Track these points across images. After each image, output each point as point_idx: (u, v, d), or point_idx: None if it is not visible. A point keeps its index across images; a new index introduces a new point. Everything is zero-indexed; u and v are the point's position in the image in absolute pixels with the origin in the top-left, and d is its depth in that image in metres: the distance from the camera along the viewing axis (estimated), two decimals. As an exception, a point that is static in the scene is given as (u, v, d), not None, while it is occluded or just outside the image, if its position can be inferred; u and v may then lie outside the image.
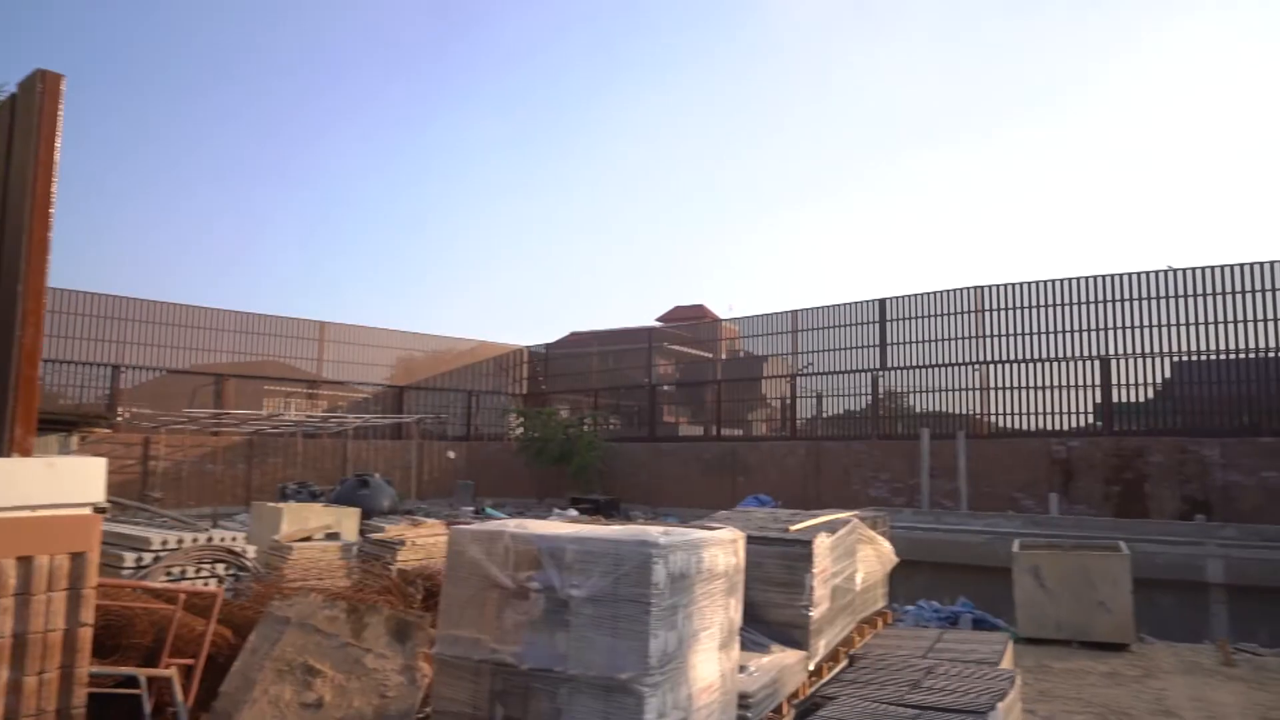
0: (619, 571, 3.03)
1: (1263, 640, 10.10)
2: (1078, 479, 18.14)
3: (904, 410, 22.71)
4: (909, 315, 21.94)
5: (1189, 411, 18.61)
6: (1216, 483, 16.85)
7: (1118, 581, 9.25)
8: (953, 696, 4.35)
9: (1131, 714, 7.16)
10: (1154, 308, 18.76)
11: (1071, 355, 19.52)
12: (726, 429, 25.47)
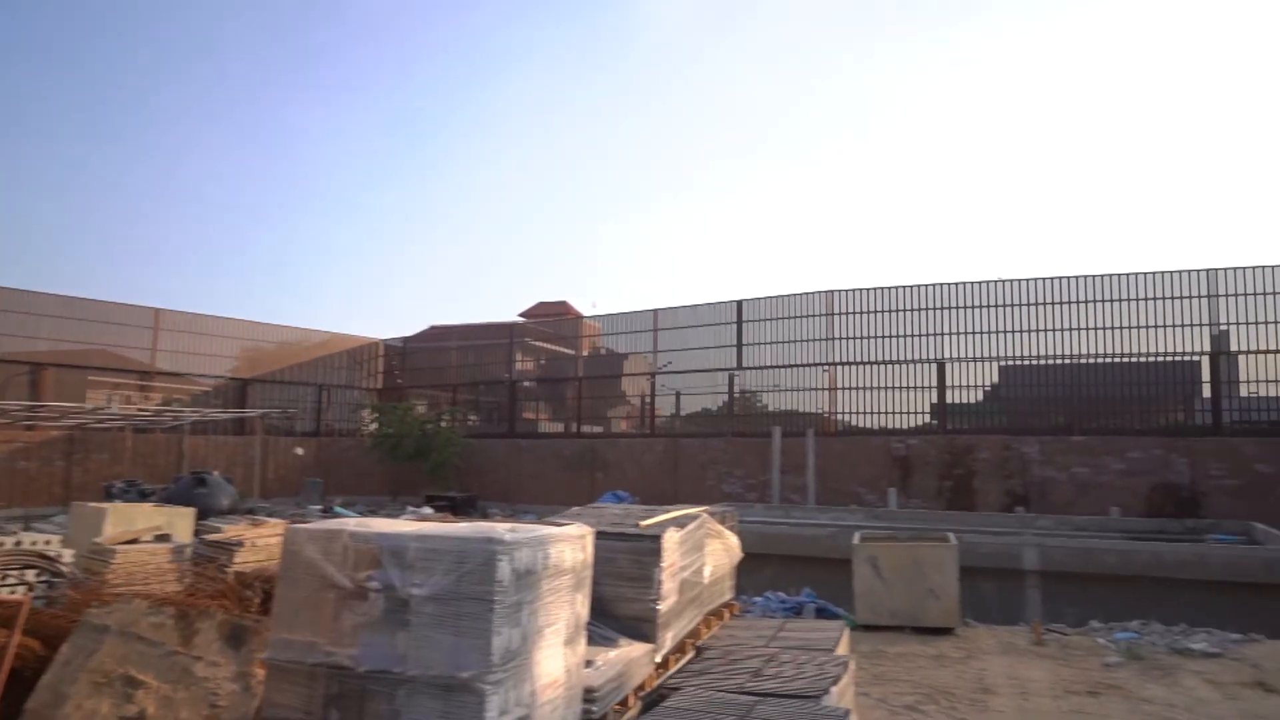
0: (462, 569, 2.99)
1: (1070, 621, 11.06)
2: (915, 475, 19.30)
3: (758, 409, 23.50)
4: (764, 316, 22.69)
5: (1013, 412, 20.20)
6: (1035, 478, 18.33)
7: (946, 570, 9.91)
8: (790, 683, 4.55)
9: (955, 693, 7.68)
10: (985, 316, 20.19)
11: (912, 358, 20.74)
12: (587, 426, 25.58)
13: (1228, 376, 18.70)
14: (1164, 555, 12.52)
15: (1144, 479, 17.55)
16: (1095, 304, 19.40)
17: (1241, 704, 7.46)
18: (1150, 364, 19.12)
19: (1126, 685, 8.00)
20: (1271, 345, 18.19)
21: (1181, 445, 17.50)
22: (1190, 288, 18.79)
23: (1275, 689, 7.87)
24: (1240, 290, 18.44)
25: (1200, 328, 18.70)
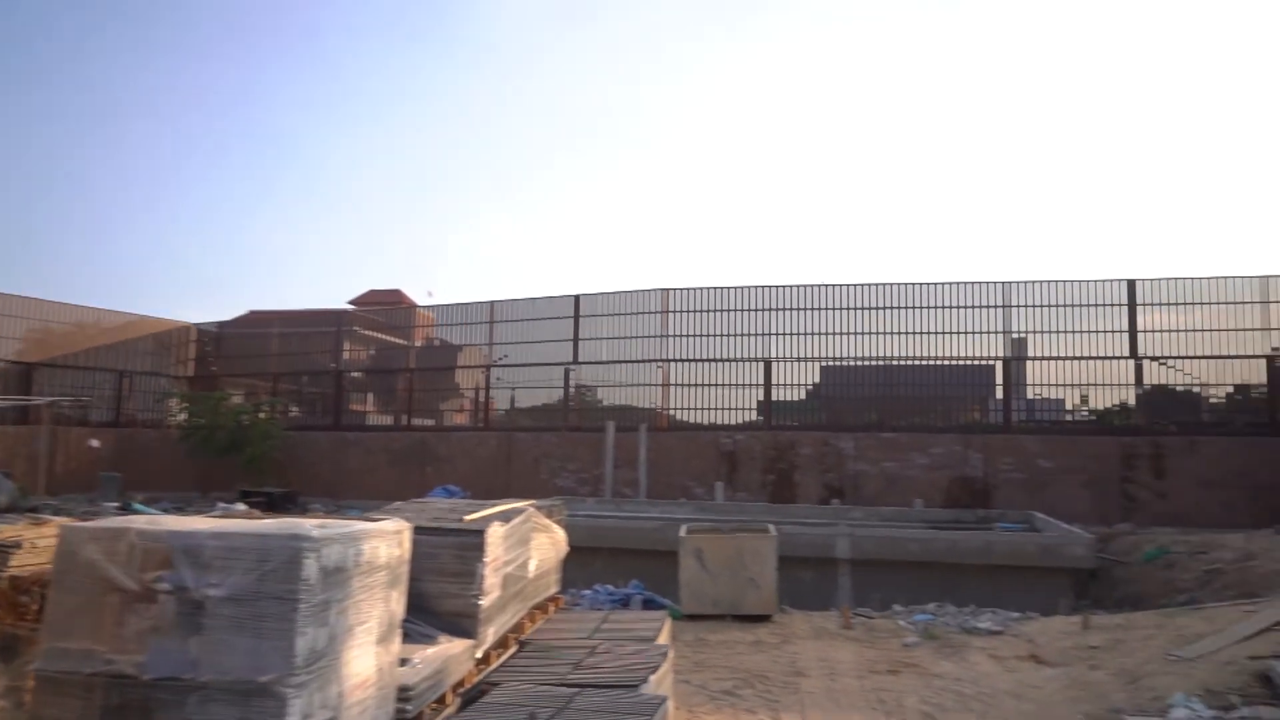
0: (265, 568, 2.83)
1: (876, 605, 11.83)
2: (741, 469, 20.05)
3: (594, 404, 23.69)
4: (601, 312, 22.88)
5: (832, 410, 21.38)
6: (850, 472, 19.47)
7: (766, 560, 10.37)
8: (611, 673, 4.61)
9: (769, 676, 8.05)
10: (809, 318, 21.26)
11: (741, 357, 21.53)
12: (418, 419, 24.90)
13: (1018, 380, 20.61)
14: (958, 543, 13.65)
15: (944, 473, 19.04)
16: (908, 310, 20.84)
17: (1018, 675, 8.23)
18: (953, 367, 20.78)
19: (922, 663, 8.65)
20: (1058, 352, 20.18)
21: (977, 442, 19.12)
22: (990, 298, 20.54)
23: (1047, 661, 8.74)
24: (1033, 302, 20.35)
25: (998, 334, 20.47)
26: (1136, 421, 19.32)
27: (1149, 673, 7.97)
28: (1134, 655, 8.62)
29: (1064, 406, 20.39)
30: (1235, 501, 17.64)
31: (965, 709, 7.12)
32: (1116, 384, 19.83)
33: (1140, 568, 14.94)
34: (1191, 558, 14.31)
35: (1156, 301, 19.75)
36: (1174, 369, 19.66)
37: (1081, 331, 20.03)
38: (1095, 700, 7.31)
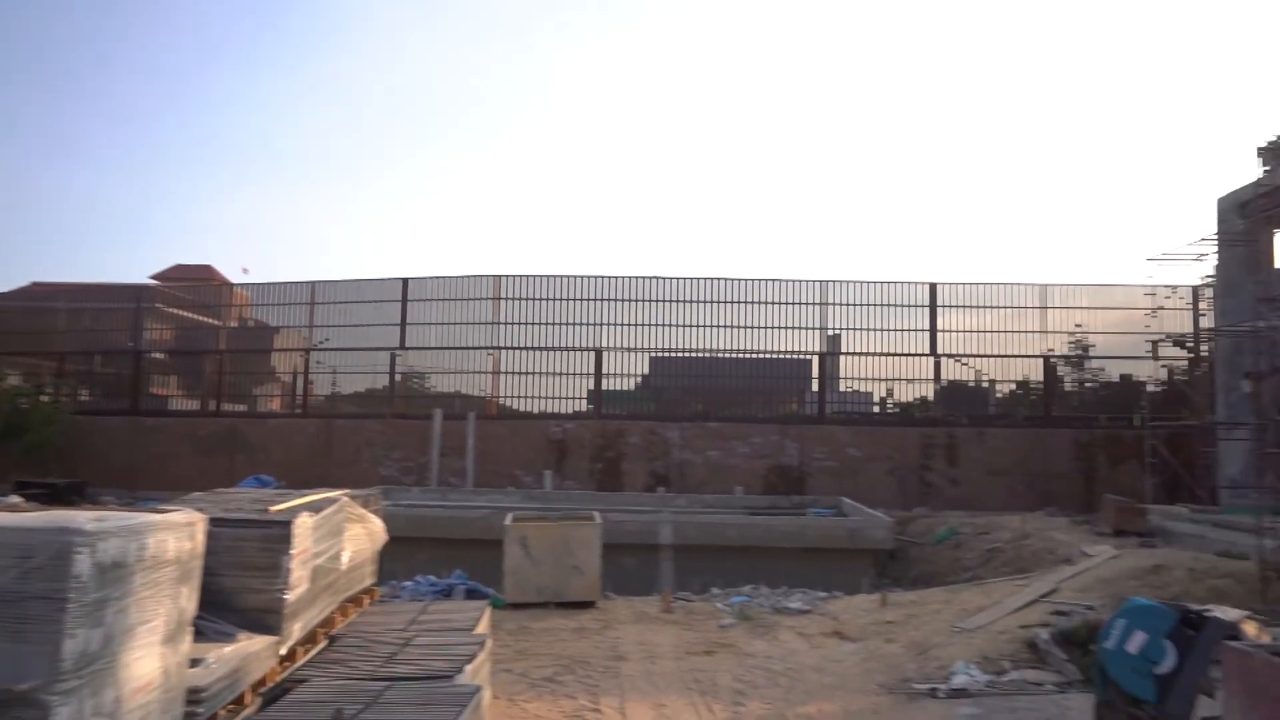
0: (27, 565, 2.56)
1: (695, 589, 12.24)
2: (571, 457, 20.15)
3: (422, 390, 23.05)
4: (431, 297, 22.26)
5: (661, 400, 21.85)
6: (676, 460, 19.99)
7: (590, 547, 10.48)
8: (425, 664, 4.51)
9: (590, 662, 8.15)
10: (639, 309, 21.59)
11: (572, 346, 21.59)
12: (229, 404, 23.34)
13: (832, 374, 21.85)
14: (773, 527, 14.33)
15: (763, 461, 19.93)
16: (734, 304, 21.59)
17: (823, 651, 8.75)
18: (774, 360, 21.76)
19: (737, 643, 9.03)
20: (868, 349, 21.53)
21: (794, 432, 20.13)
22: (808, 295, 21.62)
23: (849, 637, 9.33)
24: (846, 300, 21.60)
25: (815, 330, 21.59)
26: (934, 414, 20.96)
27: (936, 644, 8.68)
28: (924, 628, 9.36)
29: (872, 399, 21.83)
30: (1015, 486, 19.52)
31: (773, 684, 7.49)
32: (918, 379, 21.43)
33: (933, 548, 16.26)
34: (976, 538, 15.71)
35: (954, 304, 21.47)
36: (967, 366, 21.47)
37: (889, 330, 21.49)
38: (889, 671, 7.89)
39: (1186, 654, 3.13)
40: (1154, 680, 3.12)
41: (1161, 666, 3.14)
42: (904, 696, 7.07)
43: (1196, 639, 3.19)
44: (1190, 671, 3.11)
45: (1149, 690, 3.13)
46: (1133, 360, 21.34)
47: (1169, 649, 3.16)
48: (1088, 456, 19.74)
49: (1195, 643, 3.17)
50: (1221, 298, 17.12)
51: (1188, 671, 3.11)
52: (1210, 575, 10.75)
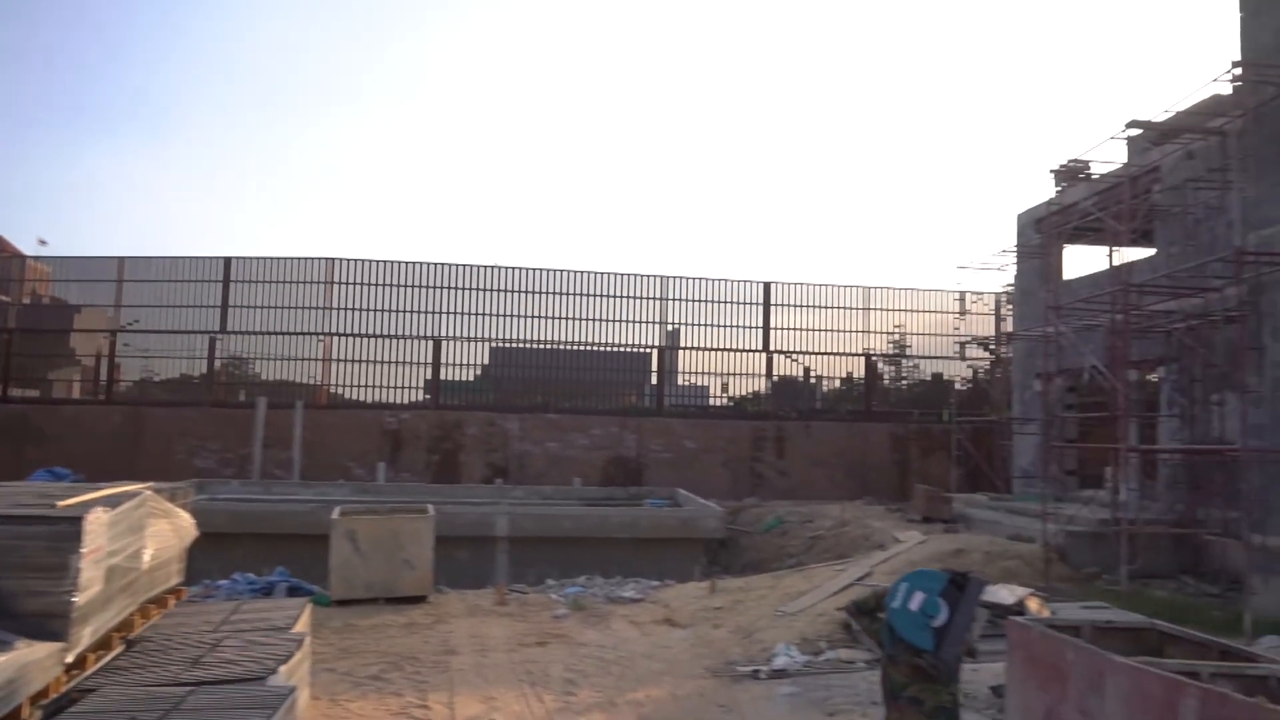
0: None
1: (530, 581, 12.20)
2: (406, 448, 19.58)
3: (246, 377, 21.70)
4: (256, 278, 20.97)
5: (501, 391, 21.58)
6: (515, 451, 19.83)
7: (422, 541, 10.22)
8: (234, 667, 4.26)
9: (420, 657, 7.96)
10: (479, 298, 21.23)
11: (410, 334, 20.96)
12: (19, 389, 21.11)
13: (671, 368, 22.32)
14: (609, 518, 14.50)
15: (602, 453, 20.11)
16: (576, 297, 21.62)
17: (653, 638, 8.93)
18: (614, 353, 21.98)
19: (570, 633, 9.07)
20: (705, 344, 22.12)
21: (633, 424, 20.42)
22: (649, 290, 21.97)
23: (678, 624, 9.58)
24: (686, 296, 22.10)
25: (655, 325, 21.96)
26: (766, 408, 21.83)
27: (760, 628, 9.07)
28: (749, 613, 9.75)
29: (708, 393, 22.47)
30: (837, 476, 20.65)
31: (605, 673, 7.58)
32: (752, 374, 22.25)
33: (761, 536, 16.96)
34: (801, 526, 16.52)
35: (786, 303, 22.41)
36: (797, 362, 22.50)
37: (725, 326, 22.18)
38: (716, 655, 8.16)
39: (955, 608, 3.72)
40: (932, 632, 3.66)
41: (937, 620, 3.68)
42: (728, 679, 7.34)
43: (962, 596, 3.77)
44: (958, 622, 3.70)
45: (928, 641, 3.66)
46: (944, 360, 23.04)
47: (942, 605, 3.70)
48: (902, 449, 21.16)
49: (961, 599, 3.76)
50: (1019, 305, 18.76)
51: (956, 622, 3.68)
52: (1003, 557, 11.80)
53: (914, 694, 3.75)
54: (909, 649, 3.74)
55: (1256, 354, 9.74)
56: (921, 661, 3.73)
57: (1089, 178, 14.93)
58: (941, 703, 3.75)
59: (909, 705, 3.76)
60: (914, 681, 3.76)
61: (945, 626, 3.68)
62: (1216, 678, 4.33)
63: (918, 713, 3.74)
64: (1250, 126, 9.97)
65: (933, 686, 3.73)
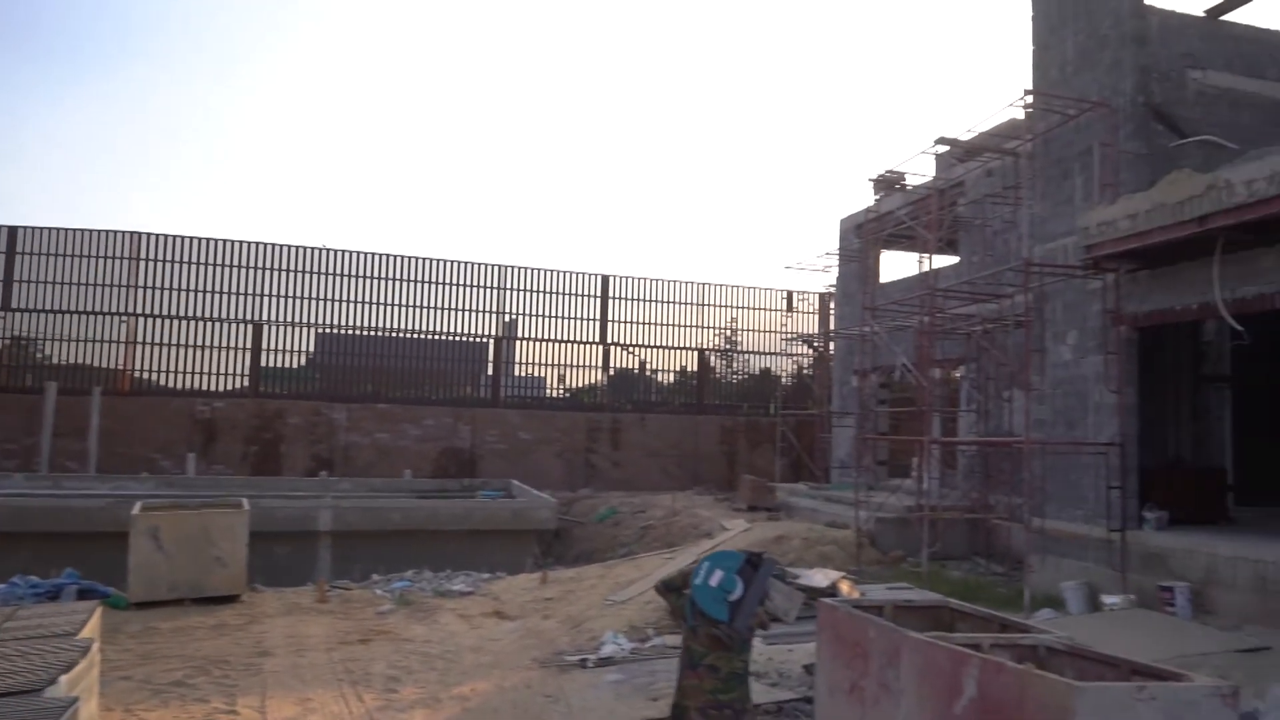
0: None
1: (355, 576, 11.76)
2: (221, 439, 18.38)
3: (34, 359, 19.65)
4: (48, 251, 19.02)
5: (328, 379, 20.61)
6: (341, 442, 19.06)
7: (235, 537, 9.61)
8: (6, 680, 3.86)
9: (230, 660, 7.50)
10: (305, 281, 20.18)
11: (227, 317, 19.65)
12: None
13: (508, 358, 22.10)
14: (440, 510, 14.21)
15: (435, 444, 19.66)
16: (410, 283, 20.98)
17: (482, 631, 8.84)
18: (450, 342, 21.50)
19: (395, 629, 8.83)
20: (543, 335, 22.03)
21: (467, 415, 20.09)
22: (487, 279, 21.63)
23: (508, 616, 9.53)
24: (524, 286, 21.92)
25: (492, 314, 21.65)
26: (602, 400, 22.04)
27: (590, 617, 9.16)
28: (579, 603, 9.83)
29: (545, 384, 22.42)
30: (670, 467, 21.17)
31: (430, 668, 7.42)
32: (589, 366, 22.39)
33: (595, 526, 17.14)
34: (634, 516, 16.83)
35: (624, 296, 22.70)
36: (634, 354, 22.85)
37: (564, 317, 22.18)
38: (545, 646, 8.17)
39: (749, 585, 4.22)
40: (728, 605, 4.12)
41: (733, 595, 4.15)
42: (556, 669, 7.37)
43: (755, 574, 4.29)
44: (750, 597, 4.19)
45: (724, 613, 4.11)
46: (772, 356, 24.08)
47: (738, 582, 4.18)
48: (732, 440, 21.96)
49: (754, 576, 4.27)
50: (840, 305, 19.89)
51: (748, 597, 4.17)
52: (820, 543, 12.50)
53: (711, 662, 4.14)
54: (708, 620, 4.14)
55: (1039, 355, 10.79)
56: (718, 632, 4.12)
57: (903, 188, 16.01)
58: (734, 669, 4.17)
59: (707, 672, 4.13)
60: (711, 651, 4.15)
61: (739, 600, 4.13)
62: (995, 648, 4.77)
63: (714, 679, 4.12)
64: (1039, 149, 11.01)
65: (727, 655, 4.14)
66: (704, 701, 4.16)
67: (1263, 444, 12.23)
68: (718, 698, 4.14)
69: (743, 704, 4.21)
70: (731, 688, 4.16)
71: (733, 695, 4.16)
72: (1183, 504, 9.88)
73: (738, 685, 4.18)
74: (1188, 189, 8.02)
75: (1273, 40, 11.35)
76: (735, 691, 4.17)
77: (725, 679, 4.14)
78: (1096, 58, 10.25)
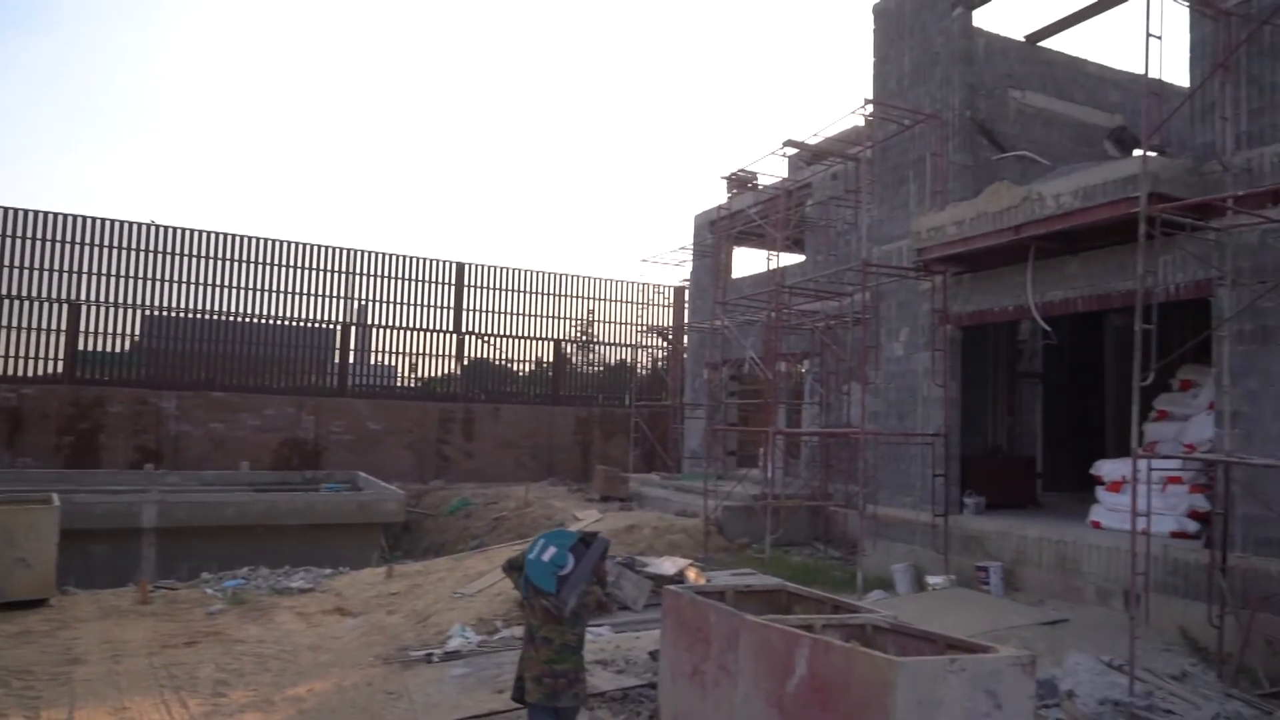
0: None
1: (182, 575, 11.05)
2: (29, 429, 16.83)
3: None
4: None
5: (156, 365, 19.16)
6: (170, 433, 17.84)
7: (42, 535, 8.82)
8: None
9: (34, 670, 6.89)
10: (130, 258, 18.69)
11: (39, 295, 17.95)
12: None
13: (358, 346, 21.27)
14: (279, 504, 13.55)
15: (276, 435, 18.71)
16: (250, 264, 19.81)
17: (321, 629, 8.51)
18: (294, 328, 20.45)
19: (225, 629, 8.36)
20: (395, 323, 21.34)
21: (311, 404, 19.22)
22: (335, 263, 20.73)
23: (350, 612, 9.22)
24: (375, 272, 21.15)
25: (341, 300, 20.77)
26: (457, 390, 21.62)
27: (437, 611, 8.99)
28: (426, 597, 9.63)
29: (397, 373, 21.76)
30: (524, 458, 21.04)
31: (263, 669, 7.08)
32: (443, 355, 21.90)
33: (446, 518, 16.83)
34: (486, 507, 16.63)
35: (479, 285, 22.32)
36: (489, 344, 22.52)
37: (417, 305, 21.58)
38: (389, 642, 7.96)
39: (579, 560, 4.52)
40: (556, 579, 4.41)
41: (564, 570, 4.45)
42: (400, 665, 7.19)
43: (587, 550, 4.57)
44: (579, 571, 4.48)
45: (552, 585, 4.40)
46: (628, 348, 24.33)
47: (570, 558, 4.49)
48: (586, 431, 22.06)
49: (585, 553, 4.55)
50: (694, 299, 20.33)
51: (577, 571, 4.47)
52: (670, 531, 12.76)
53: (545, 634, 4.44)
54: (539, 593, 4.43)
55: (876, 351, 11.41)
56: (548, 604, 4.40)
57: (755, 187, 16.52)
58: (567, 641, 4.45)
59: (542, 644, 4.43)
60: (545, 624, 4.44)
61: (568, 575, 4.43)
62: (827, 628, 5.03)
63: (548, 649, 4.42)
64: (878, 156, 11.62)
65: (559, 628, 4.43)
66: (539, 671, 4.42)
67: (1067, 435, 13.43)
68: (552, 667, 4.41)
69: (575, 674, 4.46)
70: (564, 658, 4.43)
71: (566, 665, 4.43)
72: (998, 490, 10.71)
73: (570, 656, 4.45)
74: (1006, 200, 8.67)
75: (1080, 67, 12.45)
76: (568, 662, 4.44)
77: (558, 650, 4.42)
78: (930, 73, 10.91)
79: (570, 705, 4.47)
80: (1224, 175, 7.31)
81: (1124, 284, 8.16)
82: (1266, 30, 7.06)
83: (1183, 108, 7.68)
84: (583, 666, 4.57)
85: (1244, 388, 7.16)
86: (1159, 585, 7.49)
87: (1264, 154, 7.11)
